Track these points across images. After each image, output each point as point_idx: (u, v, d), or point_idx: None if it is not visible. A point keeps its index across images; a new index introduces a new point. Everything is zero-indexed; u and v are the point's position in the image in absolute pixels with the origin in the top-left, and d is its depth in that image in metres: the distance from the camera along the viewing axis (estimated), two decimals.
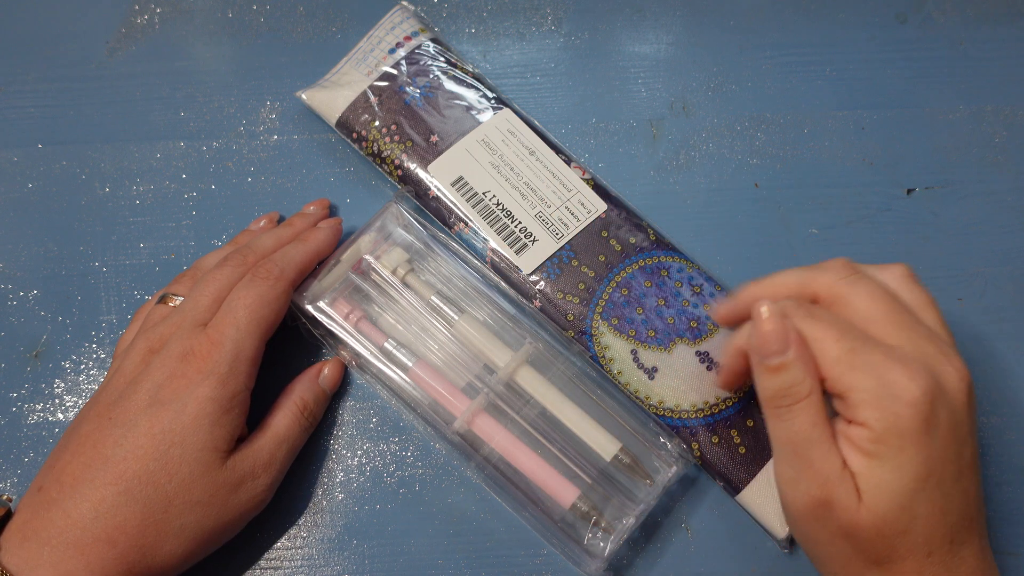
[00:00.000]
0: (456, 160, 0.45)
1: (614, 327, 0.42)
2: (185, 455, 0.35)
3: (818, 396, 0.32)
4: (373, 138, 0.46)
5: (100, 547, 0.34)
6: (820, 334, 0.32)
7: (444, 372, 0.41)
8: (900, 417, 0.31)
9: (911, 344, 0.32)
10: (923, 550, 0.32)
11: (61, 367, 0.45)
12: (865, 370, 0.31)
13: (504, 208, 0.44)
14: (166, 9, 0.52)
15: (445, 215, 0.45)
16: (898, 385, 0.31)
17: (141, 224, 0.47)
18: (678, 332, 0.42)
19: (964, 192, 0.48)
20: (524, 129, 0.46)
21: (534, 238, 0.44)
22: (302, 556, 0.41)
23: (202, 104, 0.50)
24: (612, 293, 0.43)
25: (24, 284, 0.46)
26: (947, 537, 0.32)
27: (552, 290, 0.43)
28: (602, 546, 0.38)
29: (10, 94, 0.50)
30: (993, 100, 0.50)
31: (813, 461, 0.32)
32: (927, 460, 0.31)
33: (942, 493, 0.32)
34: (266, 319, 0.39)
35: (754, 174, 0.48)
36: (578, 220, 0.44)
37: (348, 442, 0.43)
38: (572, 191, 0.45)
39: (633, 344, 0.42)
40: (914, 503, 0.31)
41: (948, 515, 0.32)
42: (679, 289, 0.43)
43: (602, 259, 0.43)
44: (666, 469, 0.40)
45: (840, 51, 0.51)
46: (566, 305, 0.43)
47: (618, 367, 0.42)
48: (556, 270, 0.43)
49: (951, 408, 0.32)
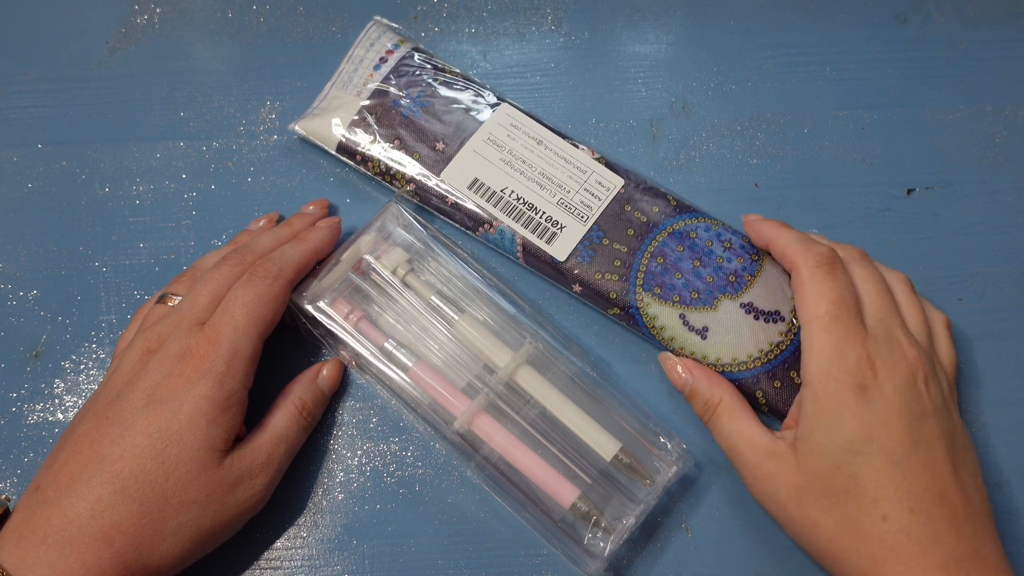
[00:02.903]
0: (467, 163, 0.45)
1: (658, 296, 0.42)
2: (182, 454, 0.35)
3: (727, 403, 0.40)
4: (377, 158, 0.45)
5: (96, 546, 0.34)
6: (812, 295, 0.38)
7: (444, 372, 0.41)
8: (841, 380, 0.36)
9: (881, 326, 0.38)
10: (876, 512, 0.35)
11: (61, 367, 0.45)
12: (828, 333, 0.37)
13: (525, 201, 0.44)
14: (166, 9, 0.52)
15: (468, 220, 0.45)
16: (849, 354, 0.36)
17: (141, 224, 0.47)
18: (720, 289, 0.42)
19: (964, 192, 0.48)
20: (527, 120, 0.46)
21: (561, 225, 0.44)
22: (302, 556, 0.41)
23: (202, 104, 0.50)
24: (648, 264, 0.43)
25: (24, 284, 0.46)
26: (903, 503, 0.34)
27: (589, 272, 0.43)
28: (602, 546, 0.38)
29: (10, 94, 0.50)
30: (993, 100, 0.50)
31: (744, 447, 0.38)
32: (862, 426, 0.35)
33: (882, 462, 0.35)
34: (264, 318, 0.39)
35: (754, 174, 0.48)
36: (599, 199, 0.44)
37: (348, 442, 0.43)
38: (587, 172, 0.45)
39: (680, 309, 0.42)
40: (851, 463, 0.35)
41: (902, 481, 0.35)
42: (711, 247, 0.43)
43: (631, 233, 0.44)
44: (666, 469, 0.40)
45: (840, 51, 0.51)
46: (606, 285, 0.43)
47: (670, 334, 0.42)
48: (589, 252, 0.43)
49: (896, 382, 0.36)
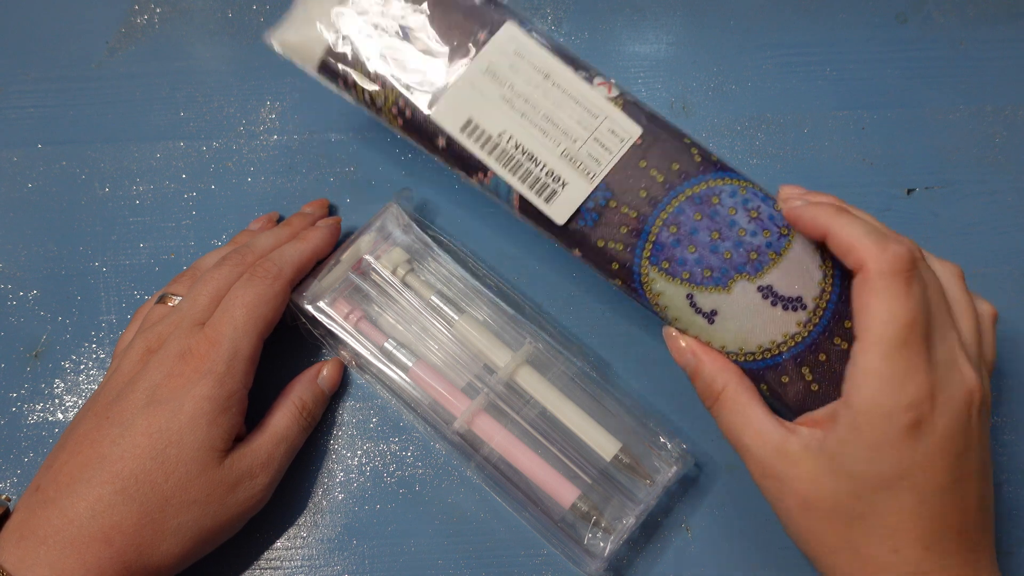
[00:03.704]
0: (461, 99, 0.38)
1: (665, 271, 0.37)
2: (182, 454, 0.35)
3: (732, 391, 0.35)
4: (363, 82, 0.39)
5: (96, 546, 0.34)
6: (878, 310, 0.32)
7: (444, 372, 0.41)
8: (890, 420, 0.31)
9: (944, 345, 0.33)
10: (887, 545, 0.32)
11: (61, 367, 0.45)
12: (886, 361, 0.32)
13: (525, 150, 0.37)
14: (166, 9, 0.52)
15: (461, 165, 0.38)
16: (905, 392, 0.31)
17: (141, 224, 0.47)
18: (736, 267, 0.36)
19: (964, 192, 0.48)
20: (533, 48, 0.38)
21: (563, 181, 0.37)
22: (302, 556, 0.41)
23: (202, 104, 0.50)
24: (659, 233, 0.37)
25: (24, 284, 0.46)
26: (920, 542, 0.32)
27: (592, 238, 0.37)
28: (602, 546, 0.38)
29: (10, 94, 0.50)
30: (993, 100, 0.50)
31: (751, 440, 0.34)
32: (900, 463, 0.32)
33: (913, 500, 0.32)
34: (264, 318, 0.39)
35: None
36: (610, 152, 0.37)
37: (348, 442, 0.43)
38: (599, 117, 0.37)
39: (688, 288, 0.36)
40: (872, 496, 0.32)
41: (927, 522, 0.32)
42: (734, 217, 0.37)
43: (643, 195, 0.37)
44: (666, 469, 0.40)
45: (840, 51, 0.51)
46: (609, 254, 0.37)
47: (674, 314, 0.37)
48: (593, 215, 0.37)
49: (950, 416, 0.32)
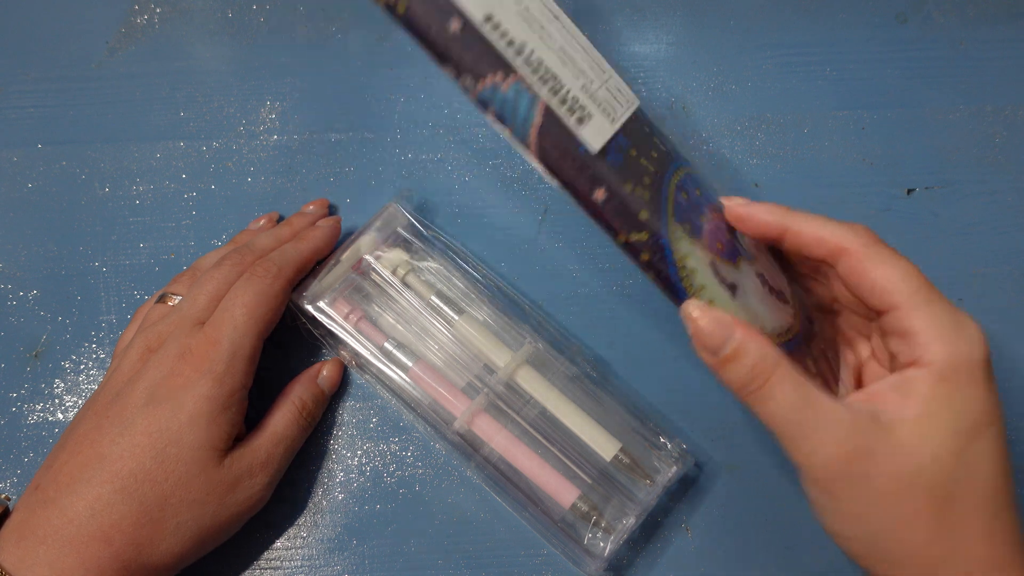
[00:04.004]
0: None
1: (688, 233, 0.33)
2: (182, 453, 0.35)
3: (787, 361, 0.30)
4: None
5: (96, 545, 0.34)
6: (893, 271, 0.33)
7: (444, 372, 0.41)
8: (972, 354, 0.30)
9: (944, 308, 0.32)
10: (989, 508, 0.30)
11: (61, 367, 0.45)
12: (937, 307, 0.31)
13: (548, 70, 0.31)
14: (166, 9, 0.52)
15: (473, 60, 0.30)
16: (969, 326, 0.31)
17: (141, 224, 0.47)
18: (739, 249, 0.35)
19: (964, 192, 0.48)
20: None
21: (588, 113, 0.31)
22: (302, 556, 0.41)
23: (202, 104, 0.50)
24: (676, 195, 0.33)
25: (24, 284, 0.46)
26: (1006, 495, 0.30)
27: (619, 179, 0.32)
28: (602, 546, 0.38)
29: (10, 94, 0.50)
30: (993, 100, 0.50)
31: (820, 419, 0.30)
32: (987, 406, 0.30)
33: (999, 448, 0.30)
34: (264, 318, 0.38)
35: (754, 174, 0.48)
36: (621, 106, 0.33)
37: (348, 442, 0.43)
38: (606, 72, 0.33)
39: (711, 255, 0.33)
40: (969, 450, 0.29)
41: (1005, 474, 0.30)
42: None
43: (655, 155, 0.34)
44: (666, 469, 0.40)
45: (840, 51, 0.51)
46: (636, 201, 0.32)
47: (700, 280, 0.32)
48: (619, 156, 0.32)
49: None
